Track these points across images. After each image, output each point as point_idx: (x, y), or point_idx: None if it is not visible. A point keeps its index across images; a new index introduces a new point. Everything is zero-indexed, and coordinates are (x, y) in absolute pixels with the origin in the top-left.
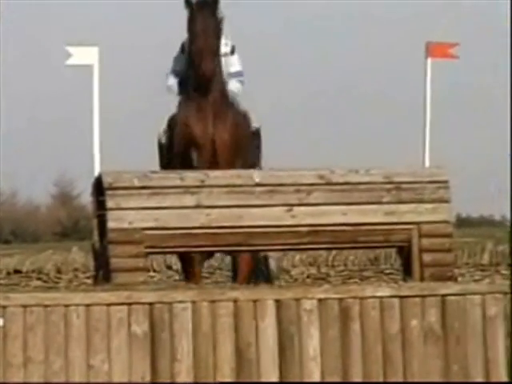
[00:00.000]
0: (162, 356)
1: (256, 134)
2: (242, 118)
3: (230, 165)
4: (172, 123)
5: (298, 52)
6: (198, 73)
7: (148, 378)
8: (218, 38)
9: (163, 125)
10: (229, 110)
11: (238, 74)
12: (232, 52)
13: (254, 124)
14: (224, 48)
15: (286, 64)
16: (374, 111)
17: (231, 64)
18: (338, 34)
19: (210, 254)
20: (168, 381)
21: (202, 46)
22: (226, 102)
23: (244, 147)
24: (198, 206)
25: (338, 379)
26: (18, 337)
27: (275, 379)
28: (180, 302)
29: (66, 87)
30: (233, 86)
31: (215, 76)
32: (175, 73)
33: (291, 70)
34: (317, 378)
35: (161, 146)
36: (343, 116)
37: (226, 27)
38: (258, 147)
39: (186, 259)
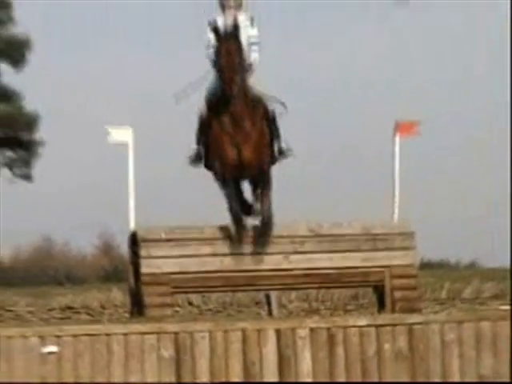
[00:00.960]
0: (185, 375)
1: (273, 118)
2: (263, 123)
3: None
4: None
5: None
6: (225, 89)
7: None
8: (241, 58)
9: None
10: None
11: (254, 42)
12: (251, 23)
13: (270, 108)
14: (244, 22)
15: None
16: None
17: (251, 35)
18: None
19: None
20: None
21: (227, 65)
22: (250, 112)
23: (264, 142)
24: (214, 254)
25: None
26: (70, 360)
27: None
28: (199, 331)
29: (106, 159)
30: (252, 57)
31: (240, 91)
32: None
33: None
34: None
35: (201, 122)
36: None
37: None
38: (277, 129)
39: None
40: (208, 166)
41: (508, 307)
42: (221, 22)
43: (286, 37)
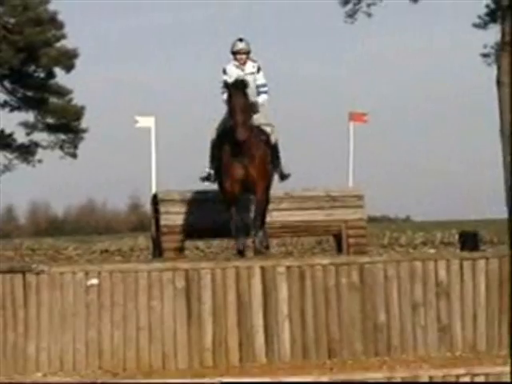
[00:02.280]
0: (194, 301)
1: (275, 147)
2: (265, 145)
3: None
4: (220, 141)
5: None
6: (236, 137)
7: (185, 313)
8: (248, 109)
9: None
10: (258, 145)
11: (263, 86)
12: (258, 70)
13: (273, 139)
14: (252, 69)
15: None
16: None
17: (258, 79)
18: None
19: None
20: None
21: (237, 119)
22: (257, 139)
23: (267, 170)
24: (216, 211)
25: (298, 314)
26: (107, 290)
27: (261, 314)
28: (204, 268)
29: (134, 140)
30: (261, 99)
31: (248, 136)
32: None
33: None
34: (285, 312)
35: (212, 149)
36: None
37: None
38: (277, 157)
39: None
40: (219, 185)
41: (433, 250)
42: (232, 68)
43: None
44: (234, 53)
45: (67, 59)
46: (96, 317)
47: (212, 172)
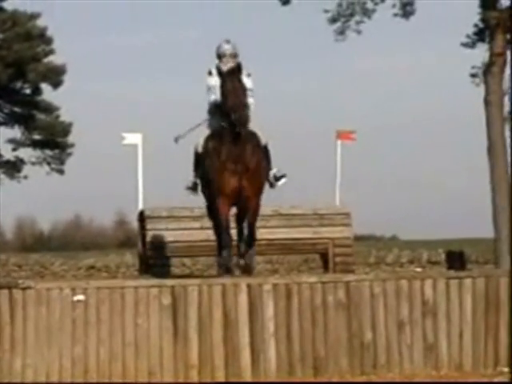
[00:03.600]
0: (180, 318)
1: (265, 149)
2: (258, 149)
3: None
4: (208, 146)
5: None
6: (232, 121)
7: (171, 330)
8: (244, 95)
9: (200, 139)
10: (252, 150)
11: (250, 90)
12: (248, 76)
13: (263, 141)
14: (243, 74)
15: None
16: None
17: (248, 85)
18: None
19: None
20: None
21: (233, 102)
22: (250, 142)
23: (260, 171)
24: (201, 228)
25: (284, 332)
26: (94, 306)
27: (247, 331)
28: (190, 285)
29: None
30: (249, 102)
31: (246, 122)
32: (211, 125)
33: None
34: (272, 330)
35: (197, 157)
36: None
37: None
38: (268, 159)
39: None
40: (204, 193)
41: (420, 269)
42: (221, 65)
43: None
44: (220, 55)
45: (55, 75)
46: (82, 333)
47: (198, 181)
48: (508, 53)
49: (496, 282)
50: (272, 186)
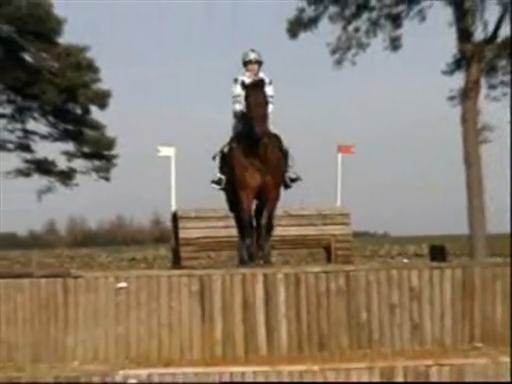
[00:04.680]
0: (206, 303)
1: (286, 153)
2: (278, 153)
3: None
4: (233, 146)
5: None
6: (254, 132)
7: (199, 312)
8: (266, 106)
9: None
10: (273, 150)
11: (271, 97)
12: (270, 83)
13: (285, 145)
14: (264, 77)
15: None
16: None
17: (268, 90)
18: None
19: None
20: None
21: (256, 114)
22: (271, 144)
23: (279, 168)
24: (225, 227)
25: (293, 313)
26: (134, 293)
27: (263, 313)
28: (215, 274)
29: (156, 167)
30: (269, 109)
31: (266, 132)
32: (236, 128)
33: None
34: (283, 312)
35: (223, 156)
36: None
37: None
38: (286, 161)
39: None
40: (226, 190)
41: (407, 261)
42: (244, 79)
43: None
44: (246, 63)
45: (101, 98)
46: (124, 315)
47: (223, 177)
48: (481, 79)
49: (471, 271)
50: (286, 186)
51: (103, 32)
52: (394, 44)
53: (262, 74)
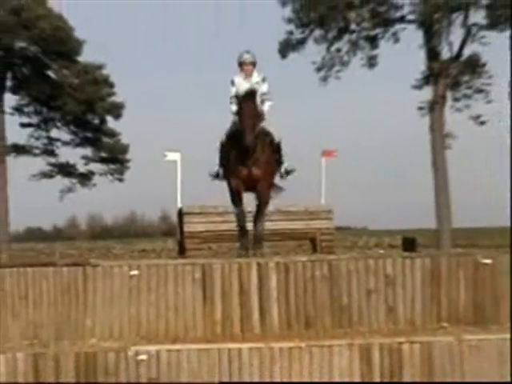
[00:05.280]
0: (208, 288)
1: (278, 147)
2: (270, 146)
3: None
4: (228, 141)
5: None
6: (244, 142)
7: (201, 297)
8: (257, 116)
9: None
10: (263, 154)
11: (267, 94)
12: (263, 80)
13: (276, 139)
14: (258, 79)
15: None
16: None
17: (263, 88)
18: None
19: None
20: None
21: (246, 125)
22: (262, 140)
23: (270, 171)
24: (224, 221)
25: (283, 297)
26: (145, 278)
27: (257, 297)
28: (216, 264)
29: (164, 170)
30: (266, 106)
31: (254, 141)
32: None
33: None
34: (275, 296)
35: (221, 148)
36: None
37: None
38: (279, 156)
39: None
40: (227, 180)
41: (383, 251)
42: (240, 80)
43: None
44: (241, 64)
45: (116, 110)
46: (136, 298)
47: (221, 171)
48: (447, 93)
49: (438, 261)
50: (282, 177)
51: (117, 51)
52: (372, 62)
53: (256, 74)
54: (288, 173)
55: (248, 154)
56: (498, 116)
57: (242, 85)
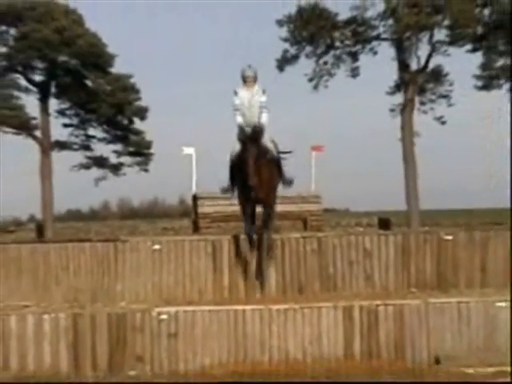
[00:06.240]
0: (217, 260)
1: (278, 160)
2: (271, 162)
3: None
4: (235, 160)
5: None
6: (248, 183)
7: (212, 267)
8: (259, 156)
9: (234, 149)
10: (266, 173)
11: (265, 105)
12: (263, 92)
13: (275, 154)
14: (258, 91)
15: None
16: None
17: (262, 99)
18: None
19: None
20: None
21: (249, 170)
22: (264, 169)
23: (273, 186)
24: (230, 205)
25: (280, 268)
26: (165, 252)
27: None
28: (224, 239)
29: (181, 163)
30: (264, 117)
31: (258, 180)
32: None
33: None
34: (273, 266)
35: (231, 164)
36: None
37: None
38: (281, 168)
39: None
40: (237, 195)
41: (362, 229)
42: (242, 91)
43: None
44: (244, 77)
45: (141, 112)
46: (158, 268)
47: (231, 187)
48: (415, 98)
49: (408, 237)
50: (286, 186)
51: (143, 63)
52: (354, 73)
53: (257, 87)
54: (289, 183)
55: (253, 175)
56: (459, 117)
57: (245, 96)
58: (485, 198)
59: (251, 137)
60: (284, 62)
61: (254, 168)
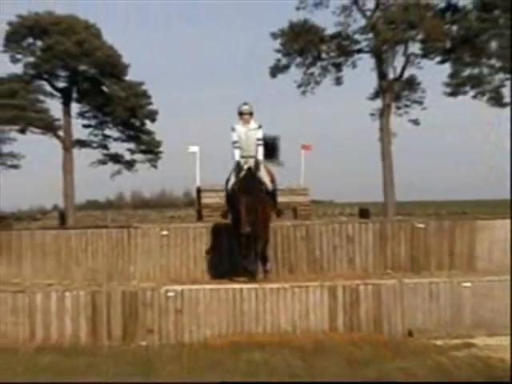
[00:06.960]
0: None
1: (273, 193)
2: (265, 196)
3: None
4: (231, 192)
5: None
6: (240, 230)
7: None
8: (258, 188)
9: (230, 181)
10: (260, 207)
11: (260, 140)
12: (259, 127)
13: (270, 187)
14: (254, 126)
15: None
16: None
17: (258, 135)
18: None
19: None
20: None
21: (243, 218)
22: (259, 192)
23: (267, 217)
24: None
25: (272, 252)
26: (172, 237)
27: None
28: (222, 226)
29: (186, 161)
30: (259, 153)
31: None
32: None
33: None
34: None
35: (228, 194)
36: None
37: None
38: (275, 200)
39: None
40: (232, 222)
41: (345, 218)
42: (239, 127)
43: None
44: (240, 113)
45: (152, 115)
46: (166, 252)
47: (229, 214)
48: (392, 104)
49: (385, 225)
50: (279, 215)
51: (153, 71)
52: (338, 81)
53: (252, 122)
54: (279, 213)
55: (249, 208)
56: (430, 120)
57: (241, 130)
58: (453, 191)
59: (245, 187)
60: (276, 70)
61: (247, 218)
